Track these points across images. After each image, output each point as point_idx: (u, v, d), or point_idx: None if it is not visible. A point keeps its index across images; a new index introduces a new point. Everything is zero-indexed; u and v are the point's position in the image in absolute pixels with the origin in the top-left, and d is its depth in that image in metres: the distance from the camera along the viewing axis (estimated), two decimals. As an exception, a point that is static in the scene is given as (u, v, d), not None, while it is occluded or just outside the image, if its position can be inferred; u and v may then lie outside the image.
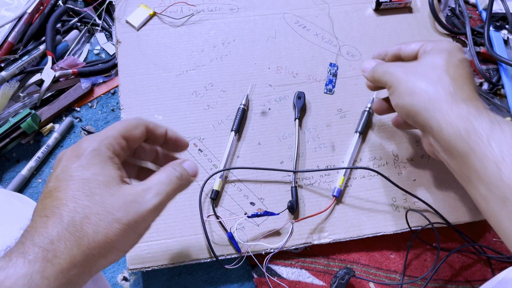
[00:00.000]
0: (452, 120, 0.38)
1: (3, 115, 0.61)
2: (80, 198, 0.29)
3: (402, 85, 0.42)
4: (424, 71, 0.42)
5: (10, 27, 0.64)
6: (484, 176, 0.35)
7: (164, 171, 0.35)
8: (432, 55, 0.43)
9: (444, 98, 0.39)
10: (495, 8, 0.72)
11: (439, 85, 0.40)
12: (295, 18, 0.68)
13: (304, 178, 0.58)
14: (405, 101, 0.42)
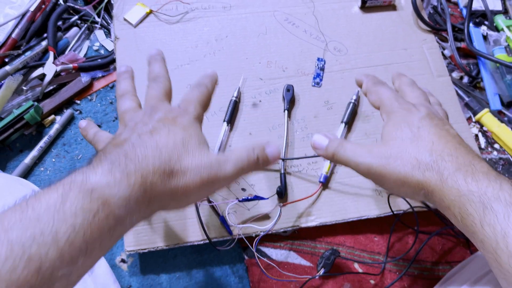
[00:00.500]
0: (448, 205, 0.35)
1: (7, 107, 0.64)
2: (178, 146, 0.34)
3: (388, 179, 0.38)
4: (399, 155, 0.37)
5: (14, 24, 0.67)
6: (483, 251, 0.33)
7: (245, 149, 0.38)
8: (392, 129, 0.40)
9: (434, 180, 0.35)
10: (475, 5, 0.76)
11: (422, 166, 0.36)
12: (285, 16, 0.72)
13: (293, 165, 0.61)
14: (401, 191, 0.38)
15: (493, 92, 0.69)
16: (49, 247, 0.25)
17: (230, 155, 0.37)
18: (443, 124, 0.40)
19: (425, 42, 0.72)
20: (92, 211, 0.27)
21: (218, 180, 0.36)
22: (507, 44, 0.72)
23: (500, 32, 0.74)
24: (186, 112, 0.38)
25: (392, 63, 0.70)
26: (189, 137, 0.35)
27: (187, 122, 0.37)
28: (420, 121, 0.39)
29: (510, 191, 0.32)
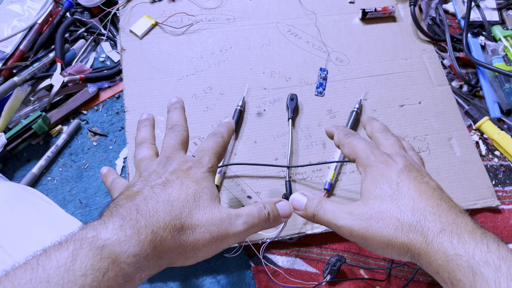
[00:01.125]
0: (436, 270, 0.34)
1: (14, 117, 0.65)
2: (189, 201, 0.34)
3: (371, 241, 0.37)
4: (380, 216, 0.36)
5: (22, 36, 0.69)
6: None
7: (256, 206, 0.39)
8: (371, 187, 0.39)
9: (419, 242, 0.34)
10: (473, 16, 0.78)
11: (405, 227, 0.35)
12: (287, 27, 0.74)
13: (298, 173, 0.62)
14: (387, 253, 0.37)
15: (493, 100, 0.70)
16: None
17: (241, 211, 0.37)
18: (422, 176, 0.39)
19: (425, 52, 0.74)
20: (102, 270, 0.27)
21: (228, 237, 0.35)
22: (505, 53, 0.74)
23: (498, 42, 0.75)
24: (200, 163, 0.38)
25: (393, 72, 0.71)
26: (201, 191, 0.35)
27: (200, 175, 0.37)
28: (399, 176, 0.38)
29: (497, 252, 0.31)
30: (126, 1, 0.74)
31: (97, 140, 0.66)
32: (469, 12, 0.75)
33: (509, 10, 0.81)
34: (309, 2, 0.76)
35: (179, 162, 0.38)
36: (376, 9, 0.75)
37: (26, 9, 0.72)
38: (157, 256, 0.31)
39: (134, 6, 0.73)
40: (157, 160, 0.39)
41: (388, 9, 0.75)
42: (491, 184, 0.63)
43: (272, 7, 0.76)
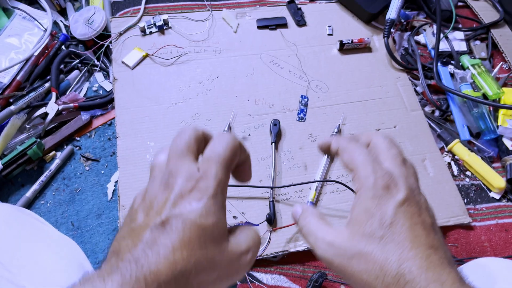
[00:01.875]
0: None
1: (10, 144, 0.68)
2: (195, 249, 0.29)
3: (350, 278, 0.35)
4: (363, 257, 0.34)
5: (19, 67, 0.72)
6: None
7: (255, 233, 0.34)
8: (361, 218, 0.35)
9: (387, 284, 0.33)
10: (442, 47, 0.84)
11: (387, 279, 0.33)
12: (270, 58, 0.79)
13: (281, 194, 0.65)
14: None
15: (462, 124, 0.75)
16: None
17: (249, 246, 0.33)
18: (419, 213, 0.35)
19: (399, 80, 0.79)
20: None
21: (235, 277, 0.33)
22: (473, 80, 0.79)
23: (466, 70, 0.81)
24: (205, 181, 0.31)
25: (370, 99, 0.76)
26: (206, 232, 0.30)
27: (206, 204, 0.30)
28: (395, 213, 0.34)
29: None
30: (118, 34, 0.78)
31: (89, 165, 0.69)
32: (438, 43, 0.81)
33: (476, 41, 0.87)
34: (291, 35, 0.82)
35: (182, 183, 0.31)
36: (352, 40, 0.80)
37: (24, 42, 0.76)
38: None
39: (126, 39, 0.78)
40: (160, 175, 0.33)
41: (364, 41, 0.81)
42: (463, 202, 0.67)
43: (256, 39, 0.81)
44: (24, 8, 0.80)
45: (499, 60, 0.85)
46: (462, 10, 0.92)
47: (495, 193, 0.70)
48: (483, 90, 0.77)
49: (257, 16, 0.84)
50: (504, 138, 0.74)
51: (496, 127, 0.74)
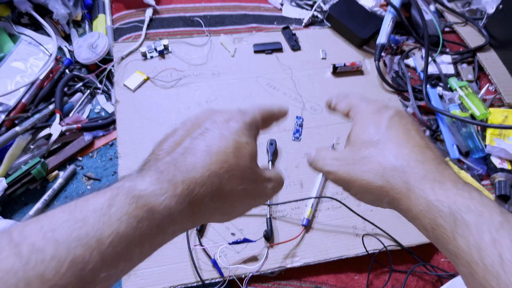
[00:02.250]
0: (417, 215, 0.33)
1: (14, 164, 0.70)
2: (229, 156, 0.32)
3: (353, 185, 0.37)
4: (363, 160, 0.37)
5: (24, 90, 0.75)
6: (457, 265, 0.32)
7: (279, 173, 0.38)
8: (359, 131, 0.39)
9: (399, 188, 0.34)
10: (431, 70, 0.88)
11: (386, 172, 0.35)
12: (267, 81, 0.82)
13: (278, 211, 0.67)
14: (368, 198, 0.37)
15: (451, 143, 0.78)
16: (92, 250, 0.25)
17: (271, 176, 0.37)
18: (412, 124, 0.38)
19: (390, 101, 0.83)
20: (137, 218, 0.27)
21: (260, 197, 0.36)
22: (460, 101, 0.83)
23: (454, 92, 0.85)
24: (242, 115, 0.36)
25: (362, 119, 0.79)
26: (241, 147, 0.33)
27: (242, 128, 0.34)
28: (389, 120, 0.37)
29: (479, 199, 0.31)
30: (120, 58, 0.82)
31: (91, 184, 0.71)
32: (427, 66, 0.84)
33: (463, 64, 0.91)
34: (286, 59, 0.86)
35: (221, 112, 0.35)
36: (345, 64, 0.84)
37: (29, 66, 0.79)
38: (191, 211, 0.31)
39: (128, 63, 0.81)
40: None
41: (356, 64, 0.85)
42: (454, 218, 0.69)
43: (252, 63, 0.84)
44: (30, 34, 0.84)
45: (485, 82, 0.89)
46: (449, 35, 0.96)
47: (485, 210, 0.72)
48: (471, 111, 0.81)
49: (254, 41, 0.87)
50: (492, 156, 0.76)
51: (484, 146, 0.77)
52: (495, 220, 0.29)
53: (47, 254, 0.24)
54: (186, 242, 0.62)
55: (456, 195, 0.31)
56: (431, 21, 0.91)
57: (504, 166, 0.75)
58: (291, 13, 0.95)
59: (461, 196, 0.31)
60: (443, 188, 0.32)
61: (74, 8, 0.89)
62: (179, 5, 0.93)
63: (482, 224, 0.29)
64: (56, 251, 0.24)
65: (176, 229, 0.31)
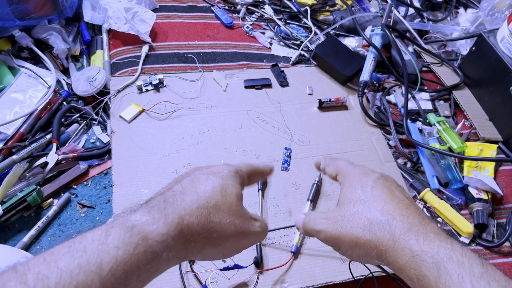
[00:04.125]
0: (402, 266, 0.35)
1: (9, 192, 0.71)
2: (216, 194, 0.36)
3: (343, 241, 0.39)
4: (351, 217, 0.39)
5: (23, 120, 0.78)
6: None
7: (264, 219, 0.43)
8: (346, 192, 0.42)
9: (386, 240, 0.36)
10: (411, 106, 0.93)
11: (373, 226, 0.37)
12: (256, 114, 0.86)
13: (267, 238, 0.70)
14: (357, 253, 0.39)
15: (431, 174, 0.82)
16: (94, 276, 0.27)
17: (256, 217, 0.41)
18: (396, 186, 0.41)
19: (373, 134, 0.87)
20: (133, 245, 0.29)
21: (249, 234, 0.38)
22: (439, 135, 0.88)
23: (432, 126, 0.90)
24: (227, 166, 0.41)
25: (347, 151, 0.83)
26: (227, 187, 0.37)
27: (227, 173, 0.39)
28: (374, 182, 0.40)
29: (461, 251, 0.33)
30: (117, 91, 0.85)
31: (85, 212, 0.72)
32: (407, 103, 0.90)
33: (440, 101, 0.98)
34: (275, 94, 0.91)
35: (209, 165, 0.40)
36: (330, 99, 0.89)
37: (28, 97, 0.82)
38: (183, 238, 0.33)
39: (124, 96, 0.85)
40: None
41: (340, 99, 0.90)
42: (435, 245, 0.73)
43: (243, 97, 0.89)
44: (29, 67, 0.87)
45: (461, 117, 0.95)
46: (426, 74, 1.03)
47: (464, 238, 0.76)
48: (449, 144, 0.86)
49: (244, 77, 0.92)
50: (470, 187, 0.81)
51: (462, 177, 0.82)
52: (476, 271, 0.31)
53: (51, 281, 0.26)
54: (178, 268, 0.64)
55: (439, 246, 0.34)
56: (410, 61, 0.98)
57: (481, 196, 0.79)
58: (279, 51, 1.01)
59: (443, 247, 0.33)
60: (427, 239, 0.34)
61: (73, 44, 0.93)
62: (173, 42, 0.98)
63: (463, 274, 0.31)
64: (60, 278, 0.26)
65: (170, 256, 0.33)
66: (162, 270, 0.33)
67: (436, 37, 1.10)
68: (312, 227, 0.42)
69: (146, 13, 0.94)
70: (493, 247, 0.75)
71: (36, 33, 0.89)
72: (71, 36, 0.94)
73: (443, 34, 1.11)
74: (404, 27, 1.08)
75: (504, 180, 0.85)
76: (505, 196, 0.82)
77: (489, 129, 0.92)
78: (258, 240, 0.42)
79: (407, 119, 0.89)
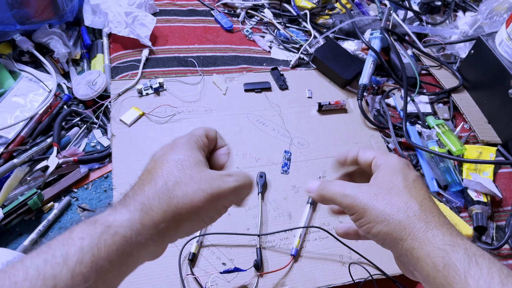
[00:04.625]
0: (430, 252, 0.35)
1: (10, 195, 0.71)
2: (173, 171, 0.36)
3: (370, 212, 0.38)
4: (388, 195, 0.39)
5: (23, 124, 0.78)
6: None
7: (242, 171, 0.41)
8: (387, 174, 0.41)
9: (418, 227, 0.37)
10: (410, 109, 0.94)
11: (410, 211, 0.37)
12: (256, 117, 0.87)
13: (267, 241, 0.70)
14: (379, 229, 0.38)
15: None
16: (61, 267, 0.28)
17: (231, 172, 0.39)
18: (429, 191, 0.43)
19: (372, 137, 0.88)
20: (97, 234, 0.30)
21: (223, 194, 0.37)
22: (438, 138, 0.88)
23: (431, 129, 0.90)
24: (182, 137, 0.40)
25: (347, 154, 0.83)
26: (183, 160, 0.37)
27: (181, 146, 0.39)
28: (416, 176, 0.41)
29: (490, 254, 0.34)
30: (117, 95, 0.86)
31: (85, 215, 0.73)
32: (406, 106, 0.90)
33: (439, 104, 0.98)
34: (274, 97, 0.91)
35: (164, 146, 0.40)
36: (330, 102, 0.89)
37: (29, 101, 0.83)
38: (151, 220, 0.33)
39: (124, 100, 0.85)
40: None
41: (340, 103, 0.90)
42: (435, 248, 0.73)
43: (243, 101, 0.89)
44: (30, 71, 0.88)
45: (460, 120, 0.95)
46: (425, 77, 1.03)
47: (464, 240, 0.76)
48: (448, 147, 0.86)
49: (244, 81, 0.93)
50: (469, 190, 0.81)
51: (461, 180, 0.82)
52: (505, 270, 0.33)
53: (18, 277, 0.27)
54: (178, 272, 0.64)
55: (471, 244, 0.35)
56: (409, 64, 0.98)
57: (480, 198, 0.79)
58: (279, 55, 1.02)
59: (475, 246, 0.35)
60: (460, 236, 0.36)
61: (74, 48, 0.94)
62: (174, 46, 0.99)
63: (493, 269, 0.32)
64: (26, 274, 0.27)
65: (141, 240, 0.32)
66: (137, 255, 0.33)
67: (435, 40, 1.10)
68: (340, 190, 0.41)
69: (146, 17, 0.95)
70: (493, 250, 0.75)
71: (37, 37, 0.90)
72: (72, 40, 0.95)
73: (442, 37, 1.12)
74: (403, 30, 1.08)
75: (503, 182, 0.85)
76: (504, 199, 0.82)
77: (488, 132, 0.93)
78: (241, 195, 0.40)
79: (406, 122, 0.90)
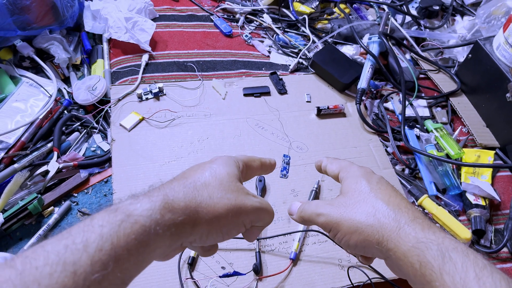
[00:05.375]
0: (405, 252, 0.36)
1: (11, 200, 0.72)
2: (205, 174, 0.37)
3: (343, 225, 0.39)
4: (356, 204, 0.40)
5: (24, 129, 0.79)
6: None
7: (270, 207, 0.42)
8: (351, 184, 0.43)
9: (390, 227, 0.37)
10: (408, 113, 0.94)
11: (378, 213, 0.38)
12: (255, 121, 0.87)
13: (266, 245, 0.70)
14: (355, 239, 0.39)
15: (429, 181, 0.83)
16: (81, 254, 0.28)
17: (255, 195, 0.40)
18: (396, 190, 0.43)
19: (371, 141, 0.88)
20: (118, 222, 0.30)
21: (246, 210, 0.37)
22: (436, 142, 0.89)
23: (430, 133, 0.91)
24: (223, 156, 0.41)
25: (345, 158, 0.83)
26: (217, 169, 0.38)
27: (220, 161, 0.40)
28: (379, 179, 0.43)
29: (464, 245, 0.34)
30: (117, 100, 0.86)
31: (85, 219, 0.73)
32: (404, 110, 0.91)
33: (437, 108, 0.98)
34: (273, 102, 0.91)
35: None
36: (328, 106, 0.90)
37: (29, 106, 0.83)
38: (171, 211, 0.33)
39: (124, 104, 0.86)
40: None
41: (338, 107, 0.91)
42: (433, 252, 0.73)
43: (242, 105, 0.90)
44: (31, 76, 0.88)
45: (459, 124, 0.96)
46: (423, 81, 1.04)
47: (462, 244, 0.76)
48: (446, 151, 0.86)
49: (243, 85, 0.93)
50: (468, 193, 0.81)
51: (460, 183, 0.82)
52: (479, 262, 0.33)
53: (39, 262, 0.27)
54: (178, 276, 0.64)
55: (444, 237, 0.35)
56: (407, 68, 0.99)
57: (479, 202, 0.80)
58: (278, 60, 1.03)
59: (448, 238, 0.35)
60: (432, 230, 0.36)
61: (74, 53, 0.95)
62: (173, 51, 0.99)
63: (467, 263, 0.32)
64: (47, 259, 0.27)
65: (159, 231, 0.32)
66: (154, 246, 0.32)
67: (433, 44, 1.11)
68: (314, 210, 0.42)
69: (146, 22, 0.96)
70: (491, 253, 0.75)
71: (37, 42, 0.90)
72: (72, 45, 0.95)
73: (440, 41, 1.12)
74: (401, 34, 1.09)
75: (502, 186, 0.86)
76: (502, 202, 0.83)
77: (486, 135, 0.93)
78: (261, 219, 0.40)
79: (405, 126, 0.90)
